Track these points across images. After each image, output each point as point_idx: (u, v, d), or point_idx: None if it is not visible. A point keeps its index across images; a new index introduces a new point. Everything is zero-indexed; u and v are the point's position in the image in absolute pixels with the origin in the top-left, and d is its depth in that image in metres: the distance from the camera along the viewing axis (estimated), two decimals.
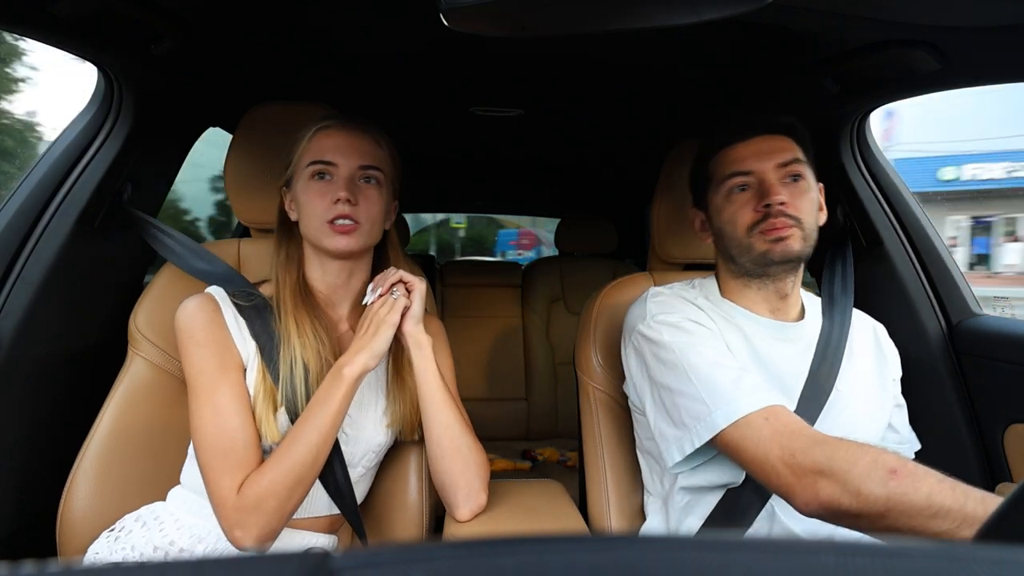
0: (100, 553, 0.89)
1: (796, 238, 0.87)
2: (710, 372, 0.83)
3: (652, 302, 0.96)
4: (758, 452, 0.76)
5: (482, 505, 0.90)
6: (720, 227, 0.93)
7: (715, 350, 0.86)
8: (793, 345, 0.94)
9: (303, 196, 0.90)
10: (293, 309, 0.90)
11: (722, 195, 0.92)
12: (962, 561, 0.21)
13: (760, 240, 0.88)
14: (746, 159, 0.90)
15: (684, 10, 0.66)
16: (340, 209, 0.87)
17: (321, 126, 0.92)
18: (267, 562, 0.22)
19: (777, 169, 0.89)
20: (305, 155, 0.91)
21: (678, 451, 0.84)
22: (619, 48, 1.11)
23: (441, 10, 0.65)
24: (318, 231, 0.89)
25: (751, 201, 0.89)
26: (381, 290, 0.90)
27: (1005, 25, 0.80)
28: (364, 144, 0.91)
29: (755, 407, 0.78)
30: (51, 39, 0.89)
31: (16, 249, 0.99)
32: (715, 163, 0.94)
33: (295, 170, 0.92)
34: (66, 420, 1.04)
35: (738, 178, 0.90)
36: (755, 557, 0.22)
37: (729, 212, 0.91)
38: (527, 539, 0.23)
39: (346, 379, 0.83)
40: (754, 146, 0.90)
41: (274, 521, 0.80)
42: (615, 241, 2.46)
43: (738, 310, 0.95)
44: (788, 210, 0.86)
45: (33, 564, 0.21)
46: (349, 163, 0.89)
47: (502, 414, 2.30)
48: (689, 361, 0.85)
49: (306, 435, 0.82)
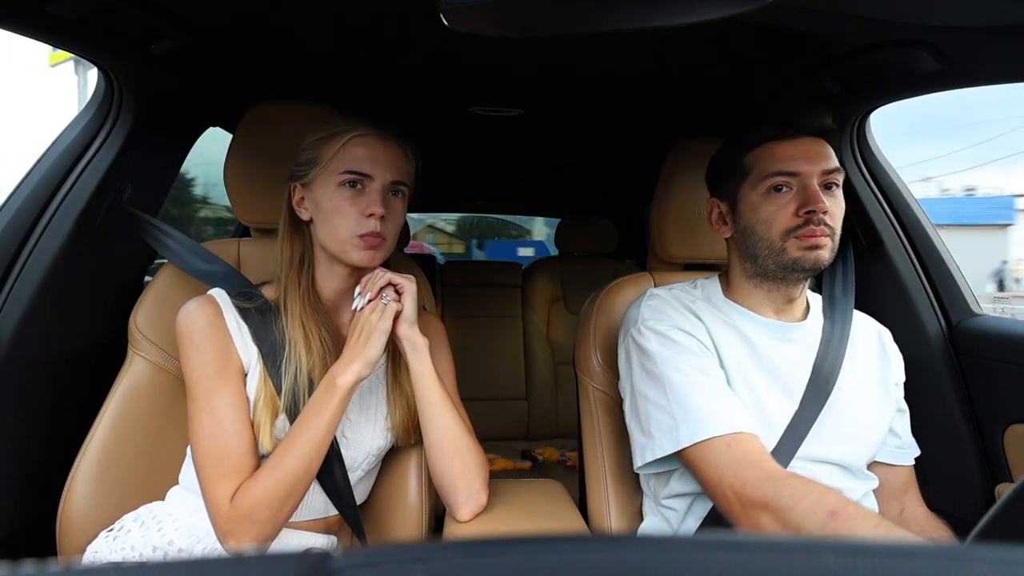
0: (99, 552, 0.89)
1: (828, 248, 0.86)
2: (685, 390, 0.85)
3: (646, 305, 0.95)
4: (714, 476, 0.80)
5: (483, 505, 0.90)
6: (751, 224, 0.90)
7: (696, 367, 0.87)
8: (795, 345, 0.93)
9: (329, 202, 0.88)
10: (302, 315, 0.89)
11: (760, 192, 0.89)
12: (962, 561, 0.21)
13: (795, 246, 0.86)
14: (794, 160, 0.87)
15: (684, 10, 0.66)
16: (372, 225, 0.86)
17: (357, 133, 0.89)
18: (267, 562, 0.22)
19: (821, 175, 0.87)
20: (336, 160, 0.88)
21: (640, 457, 0.89)
22: (619, 48, 1.11)
23: (441, 10, 0.65)
24: (345, 242, 0.87)
25: (791, 204, 0.87)
26: (370, 295, 0.88)
27: (1005, 25, 0.80)
28: (397, 157, 0.90)
29: (720, 432, 0.81)
30: (51, 39, 0.89)
31: (16, 249, 0.99)
32: (755, 157, 0.90)
33: (320, 172, 0.89)
34: (66, 420, 1.04)
35: (782, 177, 0.87)
36: (755, 557, 0.22)
37: (767, 211, 0.88)
38: (527, 539, 0.23)
39: (340, 389, 0.83)
40: (801, 147, 0.88)
41: (267, 529, 0.80)
42: (615, 241, 2.46)
43: (740, 311, 0.95)
44: (828, 219, 0.85)
45: (33, 564, 0.21)
46: (383, 176, 0.88)
47: (502, 414, 2.30)
48: (668, 375, 0.86)
49: (299, 445, 0.81)
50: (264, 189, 1.06)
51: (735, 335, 0.93)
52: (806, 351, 0.93)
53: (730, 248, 0.98)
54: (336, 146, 0.88)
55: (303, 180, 0.91)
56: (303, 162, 0.91)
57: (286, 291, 0.91)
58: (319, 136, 0.90)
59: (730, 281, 0.98)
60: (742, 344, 0.92)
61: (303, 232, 0.93)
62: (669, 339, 0.89)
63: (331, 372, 0.85)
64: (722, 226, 0.98)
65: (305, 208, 0.92)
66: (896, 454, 0.98)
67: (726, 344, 0.91)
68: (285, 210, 0.93)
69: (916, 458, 1.00)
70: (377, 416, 0.95)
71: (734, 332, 0.93)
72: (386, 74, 1.28)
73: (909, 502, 0.98)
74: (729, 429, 0.80)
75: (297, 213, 0.92)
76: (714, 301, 0.97)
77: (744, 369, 0.90)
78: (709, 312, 0.95)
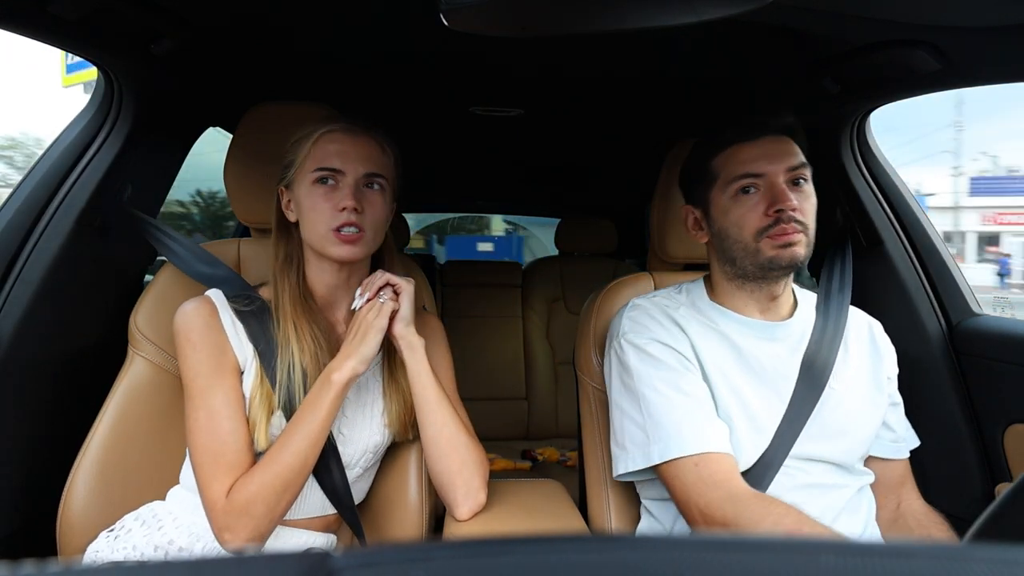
0: (100, 552, 0.89)
1: (803, 244, 0.87)
2: (659, 408, 0.87)
3: (627, 318, 0.96)
4: (682, 494, 0.83)
5: (481, 503, 0.90)
6: (724, 228, 0.91)
7: (672, 385, 0.88)
8: (781, 344, 0.93)
9: (306, 201, 0.89)
10: (292, 314, 0.89)
11: (728, 195, 0.90)
12: (962, 561, 0.21)
13: (768, 245, 0.87)
14: (756, 160, 0.88)
15: (684, 10, 0.66)
16: (346, 217, 0.86)
17: (326, 130, 0.90)
18: (267, 562, 0.22)
19: (787, 173, 0.88)
20: (309, 159, 0.89)
21: (615, 467, 0.93)
22: (619, 48, 1.11)
23: (441, 10, 0.65)
24: (323, 238, 0.88)
25: (760, 205, 0.87)
26: (369, 294, 0.90)
27: (1005, 25, 0.80)
28: (370, 150, 0.90)
29: (688, 452, 0.83)
30: (51, 39, 0.89)
31: (16, 249, 0.99)
32: (720, 161, 0.91)
33: (297, 173, 0.91)
34: (66, 420, 1.04)
35: (748, 179, 0.88)
36: (755, 557, 0.22)
37: (737, 214, 0.89)
38: (527, 539, 0.23)
39: (335, 385, 0.83)
40: (763, 147, 0.89)
41: (263, 525, 0.81)
42: (615, 241, 2.46)
43: (725, 313, 0.95)
44: (798, 216, 0.86)
45: (33, 564, 0.21)
46: (355, 170, 0.88)
47: (502, 414, 2.30)
48: (643, 392, 0.88)
49: (295, 441, 0.82)
50: (264, 189, 1.06)
51: (719, 340, 0.93)
52: (793, 348, 0.93)
53: (709, 252, 0.99)
54: (307, 145, 0.90)
55: (285, 182, 0.93)
56: (285, 164, 0.93)
57: (278, 291, 0.92)
58: (296, 137, 0.92)
59: (713, 284, 0.99)
60: (727, 349, 0.92)
61: (292, 233, 0.95)
62: (647, 354, 0.90)
63: (327, 368, 0.85)
64: (698, 231, 0.99)
65: (291, 210, 0.93)
66: (891, 448, 0.98)
67: (708, 351, 0.91)
68: (275, 213, 0.95)
69: (916, 457, 1.00)
70: (373, 412, 0.95)
71: (718, 337, 0.93)
72: (386, 74, 1.28)
73: (906, 496, 0.98)
74: (698, 449, 0.82)
75: (285, 215, 0.94)
76: (698, 305, 0.97)
77: (728, 375, 0.90)
78: (692, 319, 0.94)
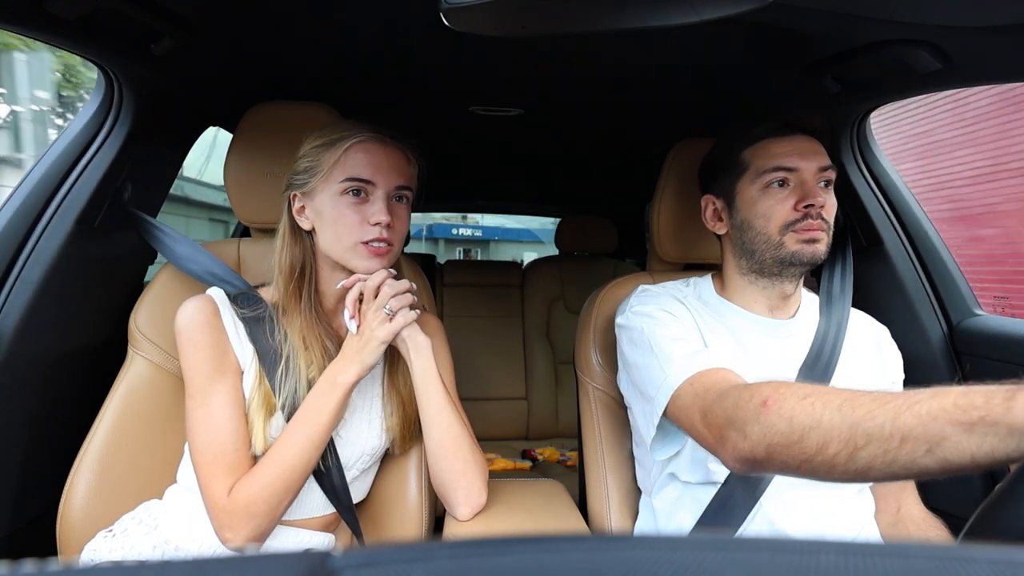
0: (98, 551, 0.89)
1: (824, 243, 0.88)
2: (668, 344, 0.86)
3: (635, 296, 0.98)
4: (687, 420, 0.78)
5: (482, 504, 0.90)
6: (748, 219, 0.92)
7: (681, 329, 0.88)
8: (784, 341, 0.94)
9: (331, 211, 0.86)
10: (303, 327, 0.88)
11: (758, 187, 0.91)
12: (961, 561, 0.21)
13: (793, 239, 0.88)
14: (791, 155, 0.90)
15: (684, 10, 0.66)
16: (379, 233, 0.85)
17: (358, 140, 0.87)
18: (267, 562, 0.22)
19: (817, 172, 0.90)
20: (337, 168, 0.86)
21: (651, 425, 0.86)
22: (619, 48, 1.11)
23: (441, 10, 0.65)
24: (350, 250, 0.86)
25: (790, 199, 0.89)
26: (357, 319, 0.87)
27: (1005, 25, 0.80)
28: (400, 162, 0.89)
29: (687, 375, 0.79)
30: (51, 38, 0.89)
31: (16, 249, 0.99)
32: (753, 153, 0.93)
33: (321, 181, 0.87)
34: (66, 420, 1.04)
35: (780, 173, 0.90)
36: (755, 557, 0.22)
37: (765, 205, 0.90)
38: (527, 539, 0.23)
39: (340, 387, 0.83)
40: (796, 144, 0.90)
41: (264, 524, 0.81)
42: (615, 241, 2.46)
43: (732, 308, 0.95)
44: (824, 214, 0.88)
45: (33, 564, 0.21)
46: (387, 183, 0.87)
47: (502, 414, 2.30)
48: (653, 337, 0.88)
49: (298, 442, 0.82)
50: (264, 189, 1.06)
51: (724, 333, 0.93)
52: (796, 348, 0.94)
53: (724, 245, 0.99)
54: (336, 153, 0.86)
55: (303, 189, 0.89)
56: (302, 170, 0.89)
57: (286, 301, 0.90)
58: (317, 143, 0.88)
59: (724, 279, 0.99)
60: (731, 342, 0.92)
61: (304, 241, 0.92)
62: (652, 316, 0.91)
63: (331, 371, 0.85)
64: (717, 222, 0.99)
65: (306, 217, 0.90)
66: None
67: (713, 342, 0.92)
68: (285, 219, 0.92)
69: None
70: (372, 416, 0.95)
71: (723, 330, 0.93)
72: (386, 74, 1.28)
73: (906, 501, 0.98)
74: (693, 370, 0.80)
75: (297, 222, 0.91)
76: (705, 299, 0.98)
77: (731, 367, 0.90)
78: (699, 309, 0.96)
